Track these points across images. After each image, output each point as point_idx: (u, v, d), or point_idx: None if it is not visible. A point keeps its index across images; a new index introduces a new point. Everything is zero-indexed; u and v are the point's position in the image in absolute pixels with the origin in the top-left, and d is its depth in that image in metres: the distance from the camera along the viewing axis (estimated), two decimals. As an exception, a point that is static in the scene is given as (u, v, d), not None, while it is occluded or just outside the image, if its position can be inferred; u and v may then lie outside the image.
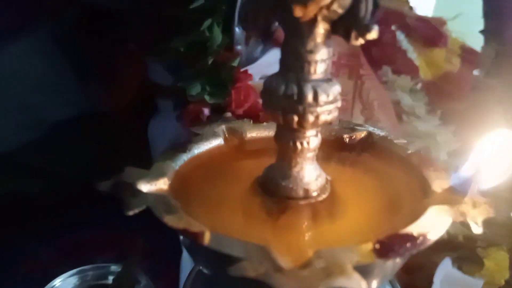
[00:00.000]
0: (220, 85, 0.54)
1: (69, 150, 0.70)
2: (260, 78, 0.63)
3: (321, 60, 0.24)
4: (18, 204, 0.67)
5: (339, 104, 0.25)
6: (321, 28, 0.23)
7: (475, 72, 0.86)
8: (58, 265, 0.53)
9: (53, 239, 0.69)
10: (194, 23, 0.53)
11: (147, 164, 0.30)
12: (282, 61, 0.26)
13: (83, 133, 0.71)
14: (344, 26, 0.23)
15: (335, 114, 0.25)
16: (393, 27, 1.16)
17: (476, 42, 1.40)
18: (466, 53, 1.40)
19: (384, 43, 0.85)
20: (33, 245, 0.68)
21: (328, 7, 0.22)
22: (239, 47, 0.58)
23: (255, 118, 0.55)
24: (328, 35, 0.24)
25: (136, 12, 0.60)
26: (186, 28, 0.53)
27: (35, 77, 0.68)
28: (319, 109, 0.24)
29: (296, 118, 0.25)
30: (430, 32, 1.26)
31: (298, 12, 0.21)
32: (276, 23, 0.26)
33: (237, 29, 0.56)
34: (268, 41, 0.61)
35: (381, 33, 0.84)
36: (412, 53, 1.14)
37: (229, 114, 0.54)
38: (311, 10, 0.21)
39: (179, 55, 0.53)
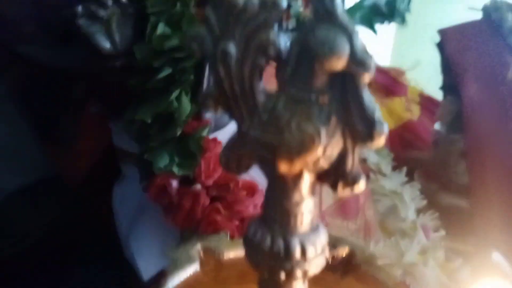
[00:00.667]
0: (188, 155, 0.52)
1: (29, 217, 0.66)
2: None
3: (307, 211, 0.23)
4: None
5: (327, 253, 0.24)
6: (307, 181, 0.22)
7: (436, 126, 0.89)
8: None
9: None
10: (161, 92, 0.52)
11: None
12: (266, 211, 0.24)
13: (42, 200, 0.67)
14: (331, 178, 0.22)
15: (323, 263, 0.24)
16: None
17: (434, 89, 1.46)
18: (425, 101, 1.46)
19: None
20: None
21: (315, 162, 0.21)
22: (207, 115, 0.56)
23: (225, 188, 0.54)
24: (314, 186, 0.23)
25: (99, 77, 0.58)
26: (152, 97, 0.52)
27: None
28: (307, 265, 0.23)
29: (283, 274, 0.23)
30: (390, 83, 1.31)
31: (283, 168, 0.20)
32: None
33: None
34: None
35: None
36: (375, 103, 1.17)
37: (198, 186, 0.52)
38: (297, 166, 0.20)
39: (146, 126, 0.51)
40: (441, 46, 0.85)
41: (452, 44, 0.79)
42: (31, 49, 0.71)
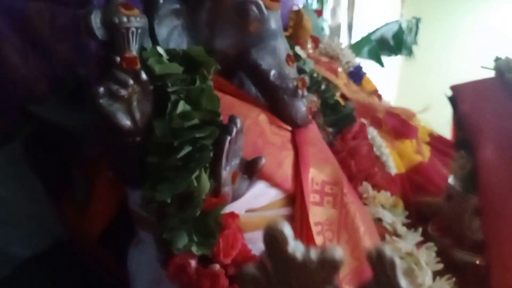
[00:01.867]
0: (208, 234, 0.52)
1: (44, 283, 0.66)
2: (246, 211, 0.62)
3: None
4: None
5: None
6: None
7: (450, 181, 0.89)
8: None
9: None
10: (180, 170, 0.52)
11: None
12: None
13: (57, 265, 0.67)
14: None
15: None
16: (363, 120, 1.19)
17: (443, 128, 1.46)
18: (435, 141, 1.46)
19: (362, 156, 0.87)
20: None
21: None
22: (226, 189, 0.57)
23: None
24: None
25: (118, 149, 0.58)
26: (171, 175, 0.52)
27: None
28: None
29: None
30: (400, 125, 1.31)
31: None
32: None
33: (224, 172, 0.56)
34: (254, 176, 0.60)
35: (358, 146, 0.85)
36: (385, 148, 1.17)
37: (217, 266, 0.52)
38: None
39: (164, 205, 0.51)
40: (453, 101, 0.85)
41: (467, 102, 0.79)
42: (44, 109, 0.72)
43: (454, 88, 0.84)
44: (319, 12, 2.14)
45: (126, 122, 0.52)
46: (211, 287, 0.50)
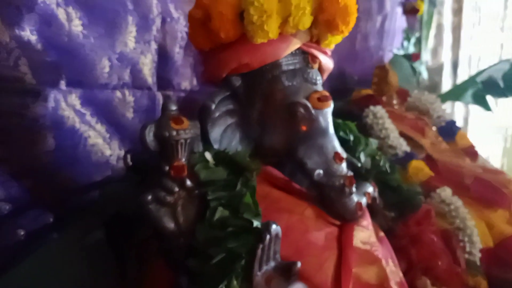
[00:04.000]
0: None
1: None
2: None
3: None
4: None
5: None
6: None
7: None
8: None
9: None
10: (215, 276, 0.56)
11: None
12: None
13: None
14: None
15: None
16: (447, 189, 1.12)
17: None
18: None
19: (425, 243, 0.82)
20: None
21: None
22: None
23: None
24: None
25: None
26: (206, 281, 0.56)
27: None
28: None
29: None
30: (491, 193, 1.20)
31: None
32: None
33: (256, 277, 0.58)
34: (290, 279, 0.62)
35: (421, 232, 0.81)
36: (470, 221, 1.09)
37: None
38: None
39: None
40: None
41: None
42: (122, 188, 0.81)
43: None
44: (416, 56, 2.06)
45: (170, 225, 0.58)
46: None
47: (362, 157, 0.80)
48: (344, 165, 0.69)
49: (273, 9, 0.61)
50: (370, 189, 0.73)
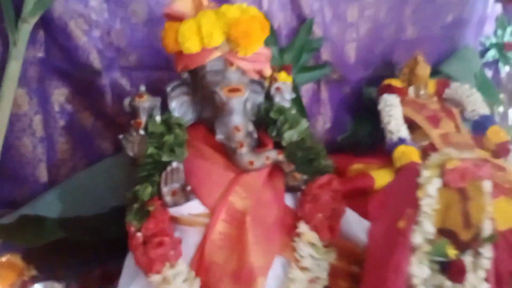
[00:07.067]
0: (143, 216, 1.02)
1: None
2: (189, 214, 1.07)
3: None
4: None
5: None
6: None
7: None
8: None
9: None
10: (141, 183, 1.04)
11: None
12: None
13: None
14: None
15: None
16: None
17: None
18: None
19: (319, 201, 1.10)
20: None
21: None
22: (167, 198, 1.04)
23: None
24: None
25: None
26: (138, 183, 1.05)
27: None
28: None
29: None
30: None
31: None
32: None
33: (164, 188, 1.03)
34: (187, 195, 1.05)
35: (320, 193, 1.15)
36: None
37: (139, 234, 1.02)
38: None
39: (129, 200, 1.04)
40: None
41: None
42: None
43: None
44: (510, 46, 1.88)
45: (130, 153, 1.08)
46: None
47: (287, 134, 1.13)
48: (241, 134, 1.05)
49: (191, 34, 1.02)
50: (272, 153, 1.07)
